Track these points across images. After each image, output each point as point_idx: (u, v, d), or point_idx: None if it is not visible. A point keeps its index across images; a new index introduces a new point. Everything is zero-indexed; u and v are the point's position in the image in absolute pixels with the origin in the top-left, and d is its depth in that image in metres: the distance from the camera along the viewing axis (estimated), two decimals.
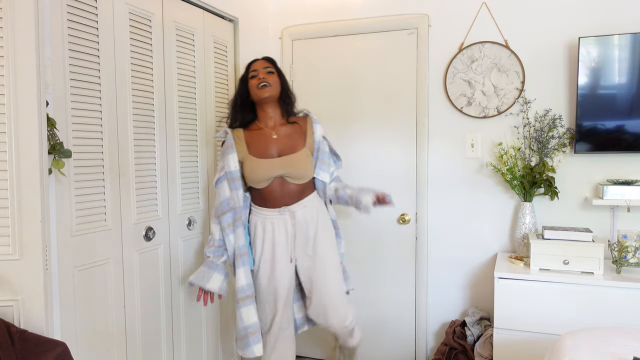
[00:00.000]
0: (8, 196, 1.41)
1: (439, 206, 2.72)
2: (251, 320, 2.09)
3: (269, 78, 2.12)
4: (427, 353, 2.80)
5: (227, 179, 2.10)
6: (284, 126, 2.18)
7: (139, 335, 1.97)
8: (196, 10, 2.32)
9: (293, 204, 2.12)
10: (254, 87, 2.12)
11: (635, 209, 2.37)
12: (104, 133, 1.79)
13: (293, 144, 2.14)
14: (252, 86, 2.14)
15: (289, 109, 2.21)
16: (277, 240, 2.12)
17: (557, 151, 2.45)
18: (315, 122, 2.22)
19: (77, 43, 1.68)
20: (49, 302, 1.47)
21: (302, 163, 2.11)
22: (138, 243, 1.97)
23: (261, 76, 2.12)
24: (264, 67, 2.16)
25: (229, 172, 2.10)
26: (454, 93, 2.63)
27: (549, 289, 2.15)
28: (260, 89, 2.10)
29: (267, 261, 2.14)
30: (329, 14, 2.85)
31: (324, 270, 2.15)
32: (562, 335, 1.77)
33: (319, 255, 2.14)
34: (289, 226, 2.12)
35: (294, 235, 2.13)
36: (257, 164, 2.08)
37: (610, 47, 2.29)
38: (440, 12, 2.64)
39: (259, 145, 2.12)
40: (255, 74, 2.15)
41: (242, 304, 2.08)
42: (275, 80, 2.14)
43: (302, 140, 2.17)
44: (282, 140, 2.14)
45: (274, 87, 2.13)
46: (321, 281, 2.14)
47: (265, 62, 2.18)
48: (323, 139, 2.22)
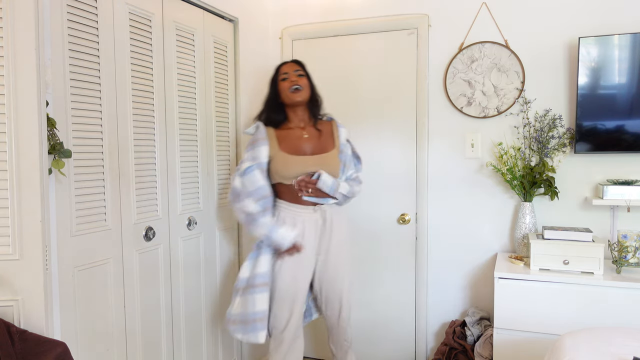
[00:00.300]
0: (8, 196, 1.41)
1: (439, 206, 2.72)
2: (263, 307, 2.11)
3: (300, 81, 2.20)
4: (427, 353, 2.80)
5: (259, 168, 2.13)
6: (313, 127, 2.26)
7: (139, 335, 1.97)
8: (196, 10, 2.32)
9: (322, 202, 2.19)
10: (286, 90, 2.19)
11: (635, 209, 2.37)
12: (104, 133, 1.79)
13: (324, 144, 2.22)
14: (283, 89, 2.20)
15: (316, 112, 2.28)
16: (306, 238, 2.16)
17: (557, 151, 2.45)
18: (340, 126, 2.30)
19: (77, 43, 1.68)
20: (49, 302, 1.47)
21: (334, 163, 2.19)
22: (138, 243, 1.97)
23: (293, 79, 2.18)
24: (295, 70, 2.22)
25: (261, 162, 2.13)
26: (454, 93, 2.63)
27: (549, 289, 2.15)
28: (294, 93, 2.18)
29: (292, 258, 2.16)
30: (329, 14, 2.85)
31: (342, 268, 2.25)
32: (562, 335, 1.77)
33: (339, 253, 2.24)
34: (319, 224, 2.18)
35: (322, 233, 2.19)
36: (291, 160, 2.13)
37: (610, 47, 2.29)
38: (440, 12, 2.64)
39: (291, 143, 2.18)
40: (286, 76, 2.21)
41: (259, 290, 2.10)
42: (305, 83, 2.22)
43: (331, 141, 2.24)
44: (313, 140, 2.21)
45: (305, 91, 2.20)
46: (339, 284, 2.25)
47: (295, 65, 2.25)
48: (347, 142, 2.29)
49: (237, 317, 2.15)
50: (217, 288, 2.51)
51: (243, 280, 2.16)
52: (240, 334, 2.14)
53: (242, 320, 2.13)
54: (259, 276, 2.12)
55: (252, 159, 2.14)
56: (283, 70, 2.24)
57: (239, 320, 2.14)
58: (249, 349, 2.80)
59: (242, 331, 2.13)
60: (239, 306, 2.15)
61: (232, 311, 2.18)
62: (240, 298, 2.15)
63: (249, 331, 2.11)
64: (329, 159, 2.18)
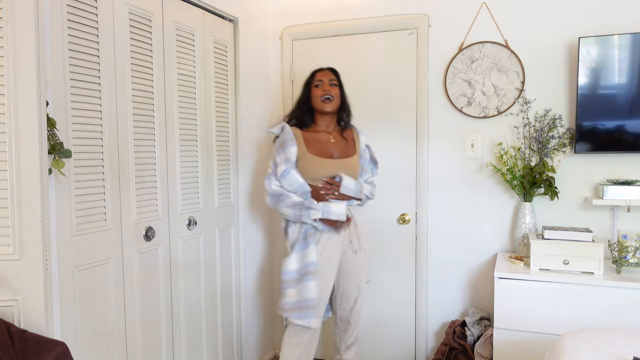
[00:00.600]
0: (8, 196, 1.41)
1: (439, 206, 2.72)
2: (315, 294, 2.20)
3: (333, 91, 2.30)
4: (427, 353, 2.80)
5: (294, 168, 2.23)
6: (338, 133, 2.38)
7: (139, 335, 1.97)
8: (196, 10, 2.32)
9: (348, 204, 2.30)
10: (318, 98, 2.29)
11: (635, 209, 2.37)
12: (104, 133, 1.79)
13: (348, 150, 2.35)
14: (315, 95, 2.30)
15: (345, 120, 2.41)
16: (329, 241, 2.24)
17: (557, 151, 2.45)
18: (360, 133, 2.43)
19: (77, 43, 1.68)
20: (49, 302, 1.47)
21: (356, 167, 2.32)
22: (138, 243, 1.97)
23: (326, 88, 2.28)
24: (330, 79, 2.31)
25: (293, 162, 2.24)
26: (454, 93, 2.63)
27: (549, 289, 2.15)
28: (324, 102, 2.29)
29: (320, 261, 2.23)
30: (329, 14, 2.85)
31: (362, 264, 2.37)
32: (562, 335, 1.77)
33: (363, 254, 2.35)
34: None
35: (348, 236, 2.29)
36: (319, 162, 2.24)
37: (610, 47, 2.29)
38: (440, 12, 2.64)
39: (318, 146, 2.29)
40: (320, 84, 2.31)
41: (313, 278, 2.19)
42: (337, 93, 2.32)
43: (353, 147, 2.37)
44: (339, 145, 2.33)
45: (336, 101, 2.32)
46: (358, 278, 2.36)
47: (330, 74, 2.33)
48: (366, 148, 2.41)
49: (294, 305, 2.21)
50: (217, 288, 2.51)
51: (292, 272, 2.21)
52: (297, 319, 2.21)
53: (298, 307, 2.20)
54: (311, 264, 2.19)
55: (285, 161, 2.23)
56: (318, 77, 2.32)
57: (296, 308, 2.20)
58: (249, 349, 2.80)
59: (298, 316, 2.20)
60: (294, 295, 2.21)
61: (287, 301, 2.23)
62: (294, 288, 2.21)
63: (304, 316, 2.20)
64: (352, 163, 2.30)
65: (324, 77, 2.31)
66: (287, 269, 2.22)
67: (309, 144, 2.28)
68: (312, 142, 2.29)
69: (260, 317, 2.92)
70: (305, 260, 2.20)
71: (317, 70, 2.36)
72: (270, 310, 3.05)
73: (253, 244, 2.84)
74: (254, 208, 2.83)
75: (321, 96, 2.27)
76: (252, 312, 2.83)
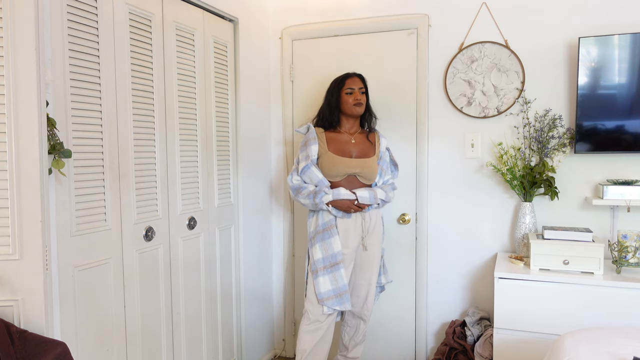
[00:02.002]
0: (8, 196, 1.41)
1: (439, 206, 2.72)
2: (347, 279, 2.37)
3: (362, 98, 2.43)
4: (427, 353, 2.80)
5: (314, 165, 2.38)
6: (362, 135, 2.50)
7: (139, 335, 1.97)
8: (196, 10, 2.32)
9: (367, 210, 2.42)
10: (349, 104, 2.41)
11: (635, 209, 2.37)
12: (104, 133, 1.79)
13: (367, 151, 2.46)
14: (347, 101, 2.42)
15: (369, 123, 2.54)
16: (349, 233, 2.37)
17: (557, 151, 2.45)
18: (382, 137, 2.53)
19: (77, 43, 1.68)
20: (48, 302, 1.47)
21: (373, 167, 2.42)
22: (138, 243, 1.97)
23: (358, 97, 2.41)
24: (360, 87, 2.43)
25: (314, 159, 2.39)
26: (454, 93, 2.63)
27: (549, 289, 2.15)
28: (355, 109, 2.42)
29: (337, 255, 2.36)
30: (329, 13, 2.85)
31: (375, 261, 2.47)
32: (562, 335, 1.77)
33: (374, 250, 2.45)
34: (358, 221, 2.40)
35: (363, 229, 2.40)
36: (338, 160, 2.37)
37: (610, 47, 2.29)
38: (440, 12, 2.64)
39: (339, 146, 2.42)
40: (351, 92, 2.42)
41: (343, 266, 2.34)
42: (365, 99, 2.45)
43: (373, 149, 2.48)
44: (358, 146, 2.46)
45: (364, 107, 2.46)
46: (369, 274, 2.46)
47: (360, 82, 2.45)
48: (386, 151, 2.51)
49: (331, 293, 2.34)
50: (217, 288, 2.51)
51: (320, 261, 2.35)
52: (336, 305, 2.33)
53: (336, 295, 2.33)
54: (339, 254, 2.33)
55: (306, 158, 2.39)
56: (349, 84, 2.42)
57: (334, 295, 2.33)
58: (249, 349, 2.80)
59: (333, 304, 2.33)
60: (328, 284, 2.34)
61: (322, 290, 2.33)
62: (326, 276, 2.34)
63: (339, 303, 2.33)
64: (369, 163, 2.41)
65: (354, 85, 2.42)
66: (315, 258, 2.35)
67: (331, 143, 2.42)
68: (334, 141, 2.43)
69: (260, 317, 2.92)
70: (332, 250, 2.34)
71: (347, 76, 2.45)
72: (270, 310, 3.05)
73: (253, 244, 2.84)
74: (254, 208, 2.83)
75: (354, 104, 2.40)
76: (252, 312, 2.82)
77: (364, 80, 2.48)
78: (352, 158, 2.42)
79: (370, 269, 2.46)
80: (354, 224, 2.39)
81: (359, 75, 2.48)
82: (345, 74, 2.48)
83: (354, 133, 2.49)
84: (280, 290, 3.07)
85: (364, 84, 2.46)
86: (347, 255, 2.38)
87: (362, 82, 2.46)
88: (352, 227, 2.39)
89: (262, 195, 2.92)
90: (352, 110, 2.42)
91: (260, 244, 2.92)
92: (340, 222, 2.37)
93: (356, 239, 2.40)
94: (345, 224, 2.38)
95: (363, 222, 2.41)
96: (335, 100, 2.45)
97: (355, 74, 2.48)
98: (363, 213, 2.41)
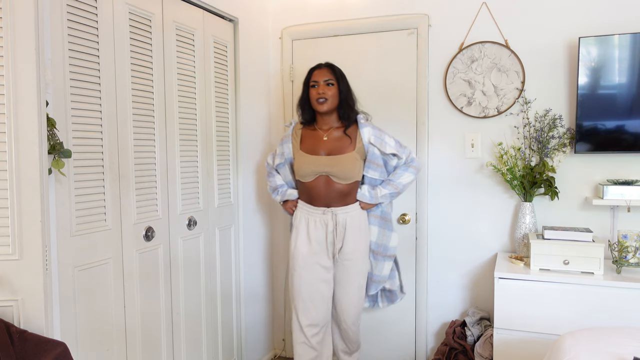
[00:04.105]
0: (8, 196, 1.41)
1: (439, 206, 2.72)
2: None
3: (328, 92, 2.24)
4: (427, 353, 2.80)
5: (287, 164, 2.36)
6: (338, 130, 2.32)
7: (139, 335, 1.97)
8: (196, 10, 2.32)
9: (337, 206, 2.26)
10: (313, 99, 2.27)
11: (635, 209, 2.37)
12: (104, 133, 1.79)
13: (341, 147, 2.28)
14: (311, 96, 2.29)
15: (346, 115, 2.30)
16: (314, 237, 2.27)
17: (557, 151, 2.44)
18: (362, 126, 2.28)
19: (77, 43, 1.68)
20: (48, 302, 1.47)
21: (347, 164, 2.23)
22: (138, 243, 1.97)
23: (320, 91, 2.24)
24: (325, 79, 2.25)
25: (288, 158, 2.36)
26: (454, 93, 2.63)
27: (549, 289, 2.15)
28: (318, 104, 2.26)
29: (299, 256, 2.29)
30: (329, 13, 2.85)
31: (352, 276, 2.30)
32: (562, 335, 1.77)
33: (352, 260, 2.28)
34: (330, 227, 2.25)
35: (335, 236, 2.26)
36: (305, 159, 2.27)
37: (610, 47, 2.29)
38: (440, 12, 2.64)
39: (310, 144, 2.32)
40: (315, 84, 2.27)
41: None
42: (333, 93, 2.26)
43: (351, 144, 2.28)
44: (331, 142, 2.29)
45: (330, 101, 2.25)
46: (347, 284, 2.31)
47: (327, 73, 2.27)
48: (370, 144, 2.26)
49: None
50: (217, 288, 2.51)
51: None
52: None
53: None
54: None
55: (281, 156, 2.38)
56: (314, 77, 2.28)
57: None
58: (249, 349, 2.80)
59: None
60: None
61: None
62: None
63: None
64: (343, 161, 2.23)
65: (319, 78, 2.27)
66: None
67: (304, 142, 2.33)
68: (307, 139, 2.34)
69: (260, 317, 2.92)
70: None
71: (314, 68, 2.32)
72: (271, 310, 3.05)
73: (253, 244, 2.83)
74: (254, 208, 2.83)
75: (316, 98, 2.25)
76: (252, 312, 2.82)
77: (335, 70, 2.29)
78: (321, 156, 2.26)
79: (344, 284, 2.31)
80: (314, 226, 2.26)
81: (328, 66, 2.30)
82: (316, 65, 2.33)
83: (329, 129, 2.32)
84: (280, 290, 3.07)
85: (334, 75, 2.27)
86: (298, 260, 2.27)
87: (332, 73, 2.27)
88: (314, 229, 2.26)
89: (262, 195, 2.92)
90: (315, 106, 2.27)
91: (260, 244, 2.92)
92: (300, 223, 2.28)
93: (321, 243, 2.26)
94: (307, 226, 2.28)
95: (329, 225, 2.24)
96: (304, 95, 2.33)
97: (325, 64, 2.32)
98: (333, 215, 2.24)
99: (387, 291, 2.49)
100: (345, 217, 2.25)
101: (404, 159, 2.32)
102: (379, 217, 2.37)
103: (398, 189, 2.31)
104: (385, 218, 2.39)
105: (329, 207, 2.26)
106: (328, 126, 2.33)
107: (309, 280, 2.28)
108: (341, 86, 2.28)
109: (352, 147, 2.28)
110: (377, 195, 2.28)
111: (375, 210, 2.36)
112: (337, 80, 2.28)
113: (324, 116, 2.31)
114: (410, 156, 2.35)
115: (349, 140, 2.29)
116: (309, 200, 2.30)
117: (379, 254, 2.38)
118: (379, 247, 2.38)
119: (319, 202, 2.27)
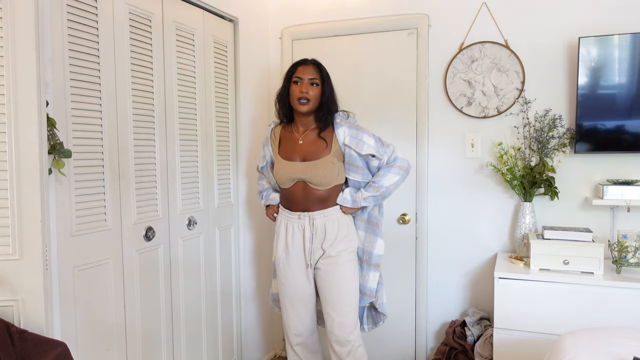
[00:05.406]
0: (8, 196, 1.41)
1: (439, 206, 2.72)
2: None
3: (311, 92, 2.09)
4: (427, 353, 2.80)
5: (269, 167, 2.31)
6: (314, 132, 2.17)
7: (139, 335, 1.97)
8: (196, 10, 2.32)
9: (315, 210, 2.14)
10: (294, 97, 2.12)
11: (635, 209, 2.37)
12: (104, 133, 1.79)
13: (317, 151, 2.13)
14: (292, 92, 2.13)
15: (324, 118, 2.14)
16: (292, 244, 2.19)
17: (557, 151, 2.45)
18: (337, 127, 2.14)
19: (77, 43, 1.68)
20: (48, 302, 1.47)
21: (323, 169, 2.10)
22: (138, 243, 1.97)
23: (304, 89, 2.08)
24: (310, 77, 2.10)
25: (268, 161, 2.30)
26: (454, 93, 2.63)
27: (549, 289, 2.15)
28: (300, 104, 2.10)
29: (280, 262, 2.26)
30: (329, 13, 2.85)
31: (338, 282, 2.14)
32: (562, 335, 1.77)
33: (335, 265, 2.14)
34: (308, 231, 2.15)
35: (311, 242, 2.15)
36: (282, 165, 2.18)
37: (610, 47, 2.29)
38: (440, 12, 2.64)
39: (286, 148, 2.21)
40: (298, 81, 2.11)
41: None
42: (316, 93, 2.11)
43: (327, 148, 2.14)
44: (307, 146, 2.16)
45: (312, 102, 2.11)
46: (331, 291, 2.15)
47: (312, 72, 2.12)
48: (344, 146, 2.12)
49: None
50: (217, 288, 2.51)
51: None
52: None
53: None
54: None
55: (263, 159, 2.33)
56: (298, 72, 2.12)
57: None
58: (249, 349, 2.80)
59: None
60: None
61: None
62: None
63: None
64: (317, 165, 2.10)
65: (304, 75, 2.10)
66: None
67: (282, 145, 2.22)
68: (285, 142, 2.22)
69: (260, 317, 2.92)
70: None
71: (299, 63, 2.16)
72: (271, 310, 3.05)
73: (253, 244, 2.83)
74: (254, 208, 2.83)
75: (298, 97, 2.10)
76: (252, 312, 2.83)
77: (322, 69, 2.14)
78: (296, 162, 2.14)
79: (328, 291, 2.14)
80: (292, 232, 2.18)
81: (315, 63, 2.15)
82: (301, 59, 2.18)
83: (305, 131, 2.18)
84: None
85: (320, 74, 2.12)
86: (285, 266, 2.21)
87: (318, 72, 2.12)
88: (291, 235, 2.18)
89: None
90: (295, 105, 2.11)
91: (260, 243, 2.92)
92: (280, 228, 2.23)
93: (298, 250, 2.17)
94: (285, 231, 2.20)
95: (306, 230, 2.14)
96: (284, 90, 2.17)
97: (312, 60, 2.16)
98: (310, 219, 2.13)
99: (373, 310, 2.35)
100: (323, 221, 2.13)
101: (385, 159, 2.16)
102: (365, 221, 2.24)
103: (381, 191, 2.13)
104: (372, 222, 2.24)
105: (306, 212, 2.14)
106: (305, 128, 2.19)
107: (289, 287, 2.22)
108: (325, 88, 2.13)
109: (328, 151, 2.13)
110: (359, 199, 2.14)
111: (361, 213, 2.23)
112: (322, 81, 2.13)
113: (302, 117, 2.16)
114: (393, 155, 2.18)
115: (324, 144, 2.14)
116: (288, 206, 2.20)
117: (364, 262, 2.24)
118: (363, 253, 2.24)
119: (297, 207, 2.16)
